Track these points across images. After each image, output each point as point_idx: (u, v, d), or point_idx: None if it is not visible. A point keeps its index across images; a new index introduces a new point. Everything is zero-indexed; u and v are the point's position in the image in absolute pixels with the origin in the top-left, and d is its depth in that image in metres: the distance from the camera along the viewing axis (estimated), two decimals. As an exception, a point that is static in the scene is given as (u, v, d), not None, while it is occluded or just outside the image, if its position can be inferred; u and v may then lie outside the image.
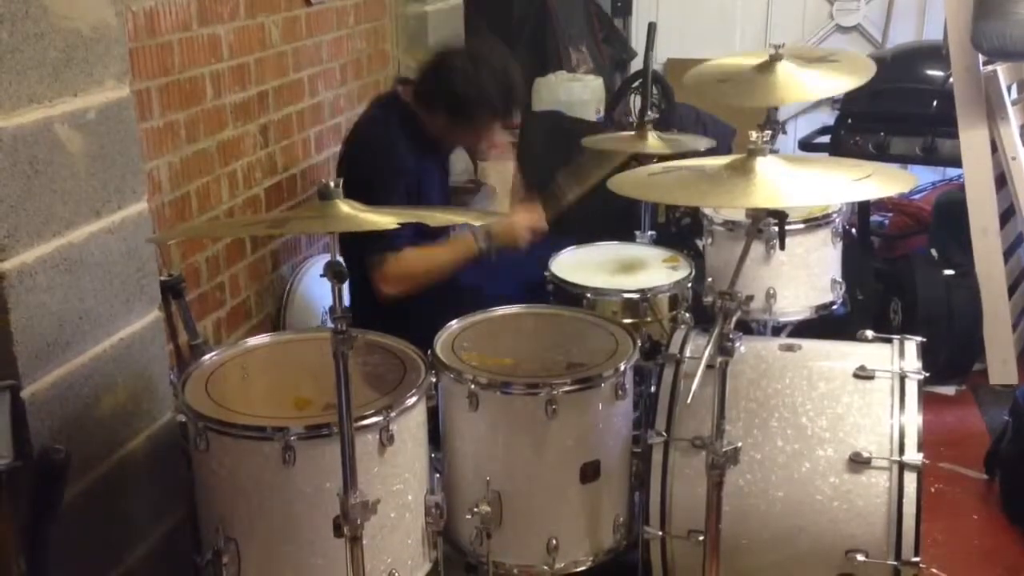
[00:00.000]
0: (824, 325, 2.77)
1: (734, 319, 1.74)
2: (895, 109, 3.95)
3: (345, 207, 1.59)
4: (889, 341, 2.22)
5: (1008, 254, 3.56)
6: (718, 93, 2.66)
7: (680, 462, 2.09)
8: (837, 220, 2.77)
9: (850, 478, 2.00)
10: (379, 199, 2.50)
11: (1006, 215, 3.57)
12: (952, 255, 3.63)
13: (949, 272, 3.58)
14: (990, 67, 3.46)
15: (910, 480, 1.97)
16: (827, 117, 5.10)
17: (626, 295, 2.61)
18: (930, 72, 3.94)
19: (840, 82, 2.55)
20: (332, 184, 1.61)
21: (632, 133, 3.02)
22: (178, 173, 2.71)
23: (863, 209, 4.20)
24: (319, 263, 3.12)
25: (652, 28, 4.61)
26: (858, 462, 2.00)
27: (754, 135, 1.76)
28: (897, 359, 2.14)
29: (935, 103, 3.84)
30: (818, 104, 5.47)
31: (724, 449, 1.78)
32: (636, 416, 2.27)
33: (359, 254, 2.51)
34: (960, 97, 3.47)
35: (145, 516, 2.04)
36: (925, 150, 3.91)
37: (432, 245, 2.63)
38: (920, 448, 1.99)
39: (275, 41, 3.21)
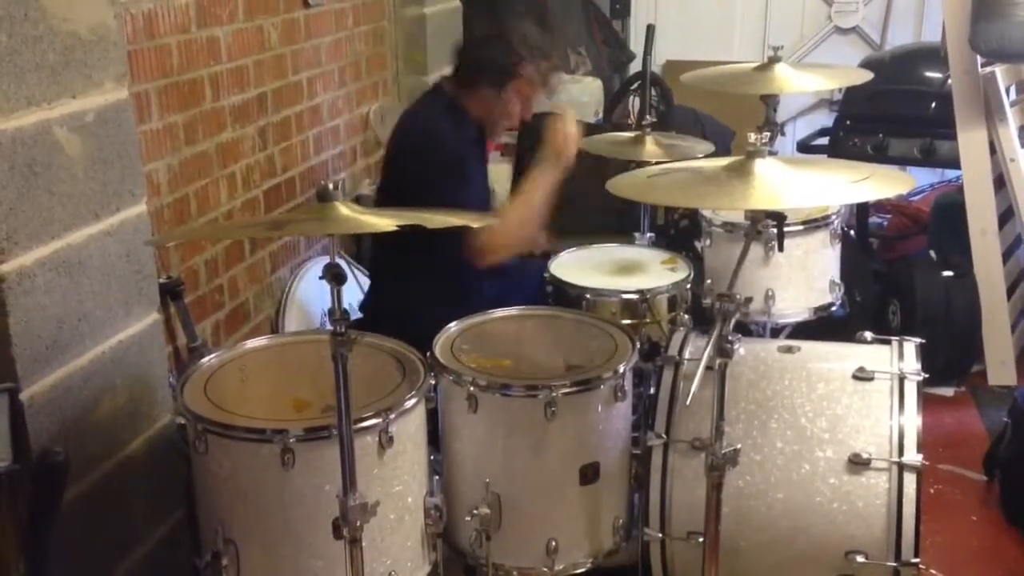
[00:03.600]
0: (823, 326, 2.77)
1: (733, 321, 1.74)
2: (894, 111, 3.96)
3: (344, 209, 1.59)
4: (888, 342, 2.22)
5: (1007, 255, 3.57)
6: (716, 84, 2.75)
7: (679, 464, 2.09)
8: (836, 222, 2.77)
9: (850, 479, 2.00)
10: (450, 191, 2.55)
11: (1004, 216, 3.57)
12: (951, 256, 3.63)
13: (948, 273, 3.58)
14: (988, 68, 3.46)
15: (910, 481, 1.97)
16: (826, 119, 5.11)
17: (625, 297, 2.61)
18: (929, 74, 3.95)
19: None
20: (331, 186, 1.61)
21: (631, 135, 3.02)
22: (177, 175, 2.70)
23: (862, 211, 4.21)
24: (318, 265, 3.12)
25: (651, 30, 4.62)
26: (857, 463, 2.00)
27: (753, 137, 1.76)
28: (896, 360, 2.14)
29: (933, 105, 3.85)
30: (817, 106, 5.49)
31: (723, 451, 1.78)
32: (635, 418, 2.27)
33: (446, 242, 2.43)
34: (958, 99, 3.48)
35: (144, 518, 2.04)
36: (924, 152, 3.91)
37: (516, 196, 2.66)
38: (920, 449, 1.99)
39: (274, 43, 3.21)
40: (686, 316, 2.46)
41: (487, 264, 2.59)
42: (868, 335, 2.24)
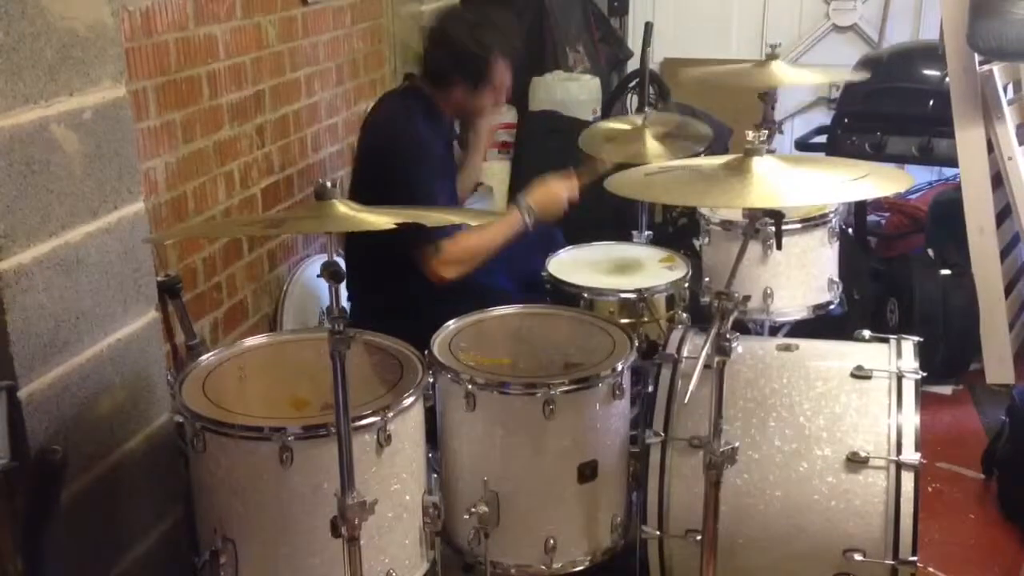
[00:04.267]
0: (821, 325, 2.77)
1: (731, 319, 1.74)
2: (891, 109, 3.96)
3: (342, 207, 1.59)
4: (886, 341, 2.22)
5: (1004, 253, 3.57)
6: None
7: (678, 462, 2.09)
8: (834, 220, 2.77)
9: (848, 478, 2.00)
10: (414, 191, 2.56)
11: (1002, 215, 3.58)
12: (949, 255, 3.63)
13: (946, 272, 3.59)
14: (986, 67, 3.46)
15: (908, 479, 1.97)
16: (824, 117, 5.11)
17: (623, 295, 2.60)
18: (926, 72, 3.95)
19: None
20: (329, 184, 1.61)
21: (629, 126, 3.01)
22: (175, 173, 2.70)
23: (860, 209, 4.21)
24: (316, 263, 3.11)
25: (649, 28, 4.61)
26: (856, 461, 2.00)
27: (751, 135, 1.76)
28: (894, 359, 2.14)
29: (931, 103, 3.85)
30: (815, 104, 5.48)
31: (721, 449, 1.78)
32: (633, 416, 2.27)
33: (399, 249, 2.53)
34: (956, 97, 3.47)
35: (143, 517, 2.04)
36: (921, 150, 3.91)
37: (483, 226, 2.65)
38: (918, 447, 1.99)
39: (272, 41, 3.20)
40: (684, 314, 2.46)
41: (439, 278, 2.59)
42: (866, 333, 2.24)
